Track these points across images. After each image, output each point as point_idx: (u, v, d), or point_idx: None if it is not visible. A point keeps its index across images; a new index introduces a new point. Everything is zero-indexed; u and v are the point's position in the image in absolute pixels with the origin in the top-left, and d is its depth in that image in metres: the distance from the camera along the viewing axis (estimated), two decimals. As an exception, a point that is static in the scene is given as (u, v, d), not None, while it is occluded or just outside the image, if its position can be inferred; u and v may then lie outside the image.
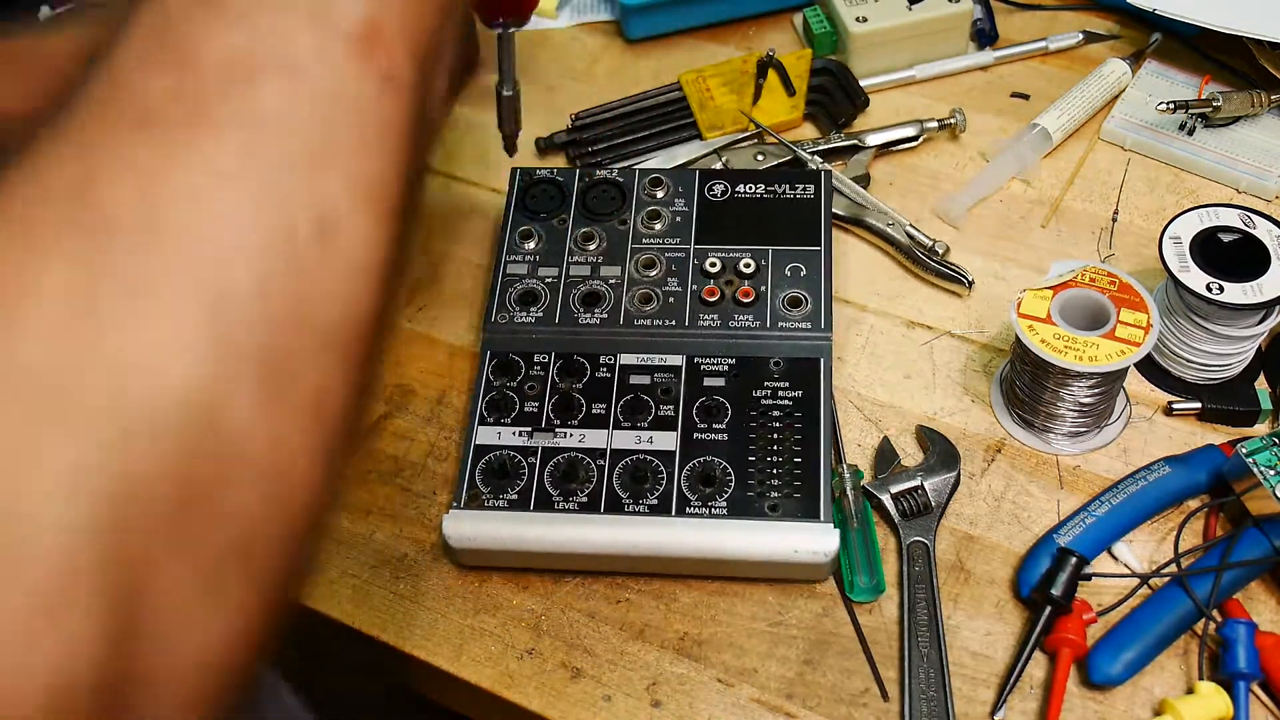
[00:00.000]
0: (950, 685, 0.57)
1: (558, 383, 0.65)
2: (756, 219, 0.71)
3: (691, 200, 0.72)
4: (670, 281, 0.69)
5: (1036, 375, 0.63)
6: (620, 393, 0.65)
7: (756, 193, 0.72)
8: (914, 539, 0.62)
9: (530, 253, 0.70)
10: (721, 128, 0.82)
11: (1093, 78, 0.82)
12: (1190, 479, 0.63)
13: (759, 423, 0.63)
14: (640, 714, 0.58)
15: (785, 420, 0.63)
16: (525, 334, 0.67)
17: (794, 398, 0.64)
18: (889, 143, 0.80)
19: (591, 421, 0.64)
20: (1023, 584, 0.60)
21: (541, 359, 0.66)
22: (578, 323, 0.67)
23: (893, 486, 0.64)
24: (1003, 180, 0.78)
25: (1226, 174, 0.77)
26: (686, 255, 0.70)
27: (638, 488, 0.61)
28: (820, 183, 0.72)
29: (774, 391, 0.64)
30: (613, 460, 0.62)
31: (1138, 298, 0.63)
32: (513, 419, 0.64)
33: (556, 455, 0.62)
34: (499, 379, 0.66)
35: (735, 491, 0.61)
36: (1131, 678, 0.57)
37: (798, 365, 0.65)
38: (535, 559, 0.62)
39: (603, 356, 0.66)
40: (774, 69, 0.83)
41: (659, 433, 0.63)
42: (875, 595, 0.61)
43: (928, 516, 0.63)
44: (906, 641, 0.59)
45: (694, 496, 0.61)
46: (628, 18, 0.88)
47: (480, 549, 0.61)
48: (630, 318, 0.67)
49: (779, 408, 0.63)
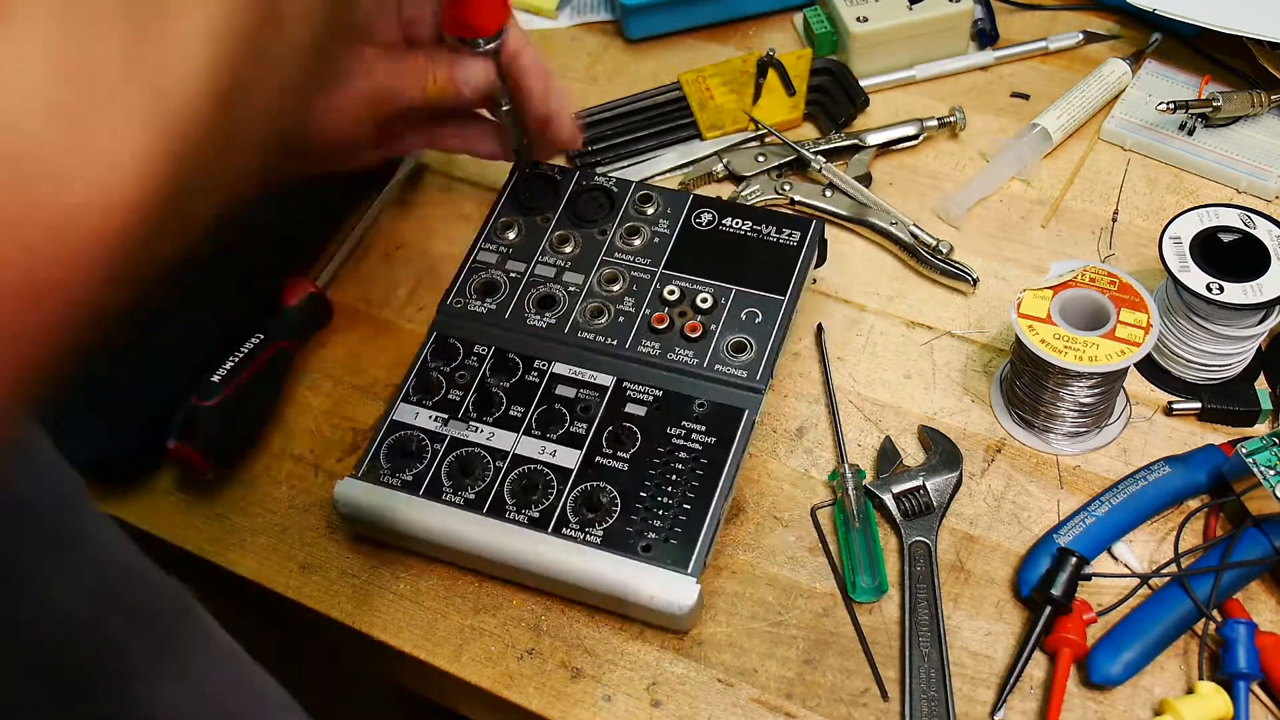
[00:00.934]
0: (951, 685, 0.57)
1: (487, 377, 0.65)
2: (731, 255, 0.68)
3: (675, 223, 0.70)
4: (626, 301, 0.67)
5: (1037, 375, 0.63)
6: (541, 400, 0.64)
7: (741, 229, 0.69)
8: (916, 539, 0.62)
9: (506, 244, 0.70)
10: (722, 127, 0.82)
11: (1092, 78, 0.82)
12: (1190, 479, 0.63)
13: (663, 460, 0.61)
14: (640, 714, 0.58)
15: (690, 464, 0.61)
16: (473, 323, 0.67)
17: (705, 444, 0.62)
18: (889, 141, 0.80)
19: (505, 422, 0.64)
20: (1023, 584, 0.60)
21: (480, 350, 0.66)
22: (525, 323, 0.67)
23: (895, 486, 0.64)
24: (1002, 180, 0.78)
25: (1226, 174, 0.77)
26: (650, 278, 0.68)
27: (525, 497, 0.61)
28: (808, 231, 0.68)
29: (689, 433, 0.62)
30: (511, 465, 0.62)
31: (1137, 297, 0.63)
32: (434, 403, 0.64)
33: (460, 448, 0.63)
34: (434, 361, 0.66)
35: (615, 524, 0.60)
36: (1132, 678, 0.57)
37: (721, 412, 0.63)
38: (409, 542, 0.62)
39: (537, 361, 0.65)
40: (774, 69, 0.83)
41: (564, 448, 0.62)
42: (877, 596, 0.61)
43: (929, 516, 0.63)
44: (907, 641, 0.59)
45: (575, 519, 0.60)
46: (628, 18, 0.88)
47: (362, 520, 0.62)
48: (576, 328, 0.66)
49: (688, 450, 0.62)
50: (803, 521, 0.64)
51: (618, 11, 0.90)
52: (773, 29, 0.90)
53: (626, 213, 0.71)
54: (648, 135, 0.82)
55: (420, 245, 0.78)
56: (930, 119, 0.81)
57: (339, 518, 0.63)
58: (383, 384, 0.71)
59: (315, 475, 0.68)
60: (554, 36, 0.91)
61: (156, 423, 0.66)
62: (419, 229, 0.79)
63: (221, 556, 0.65)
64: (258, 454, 0.69)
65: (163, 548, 0.66)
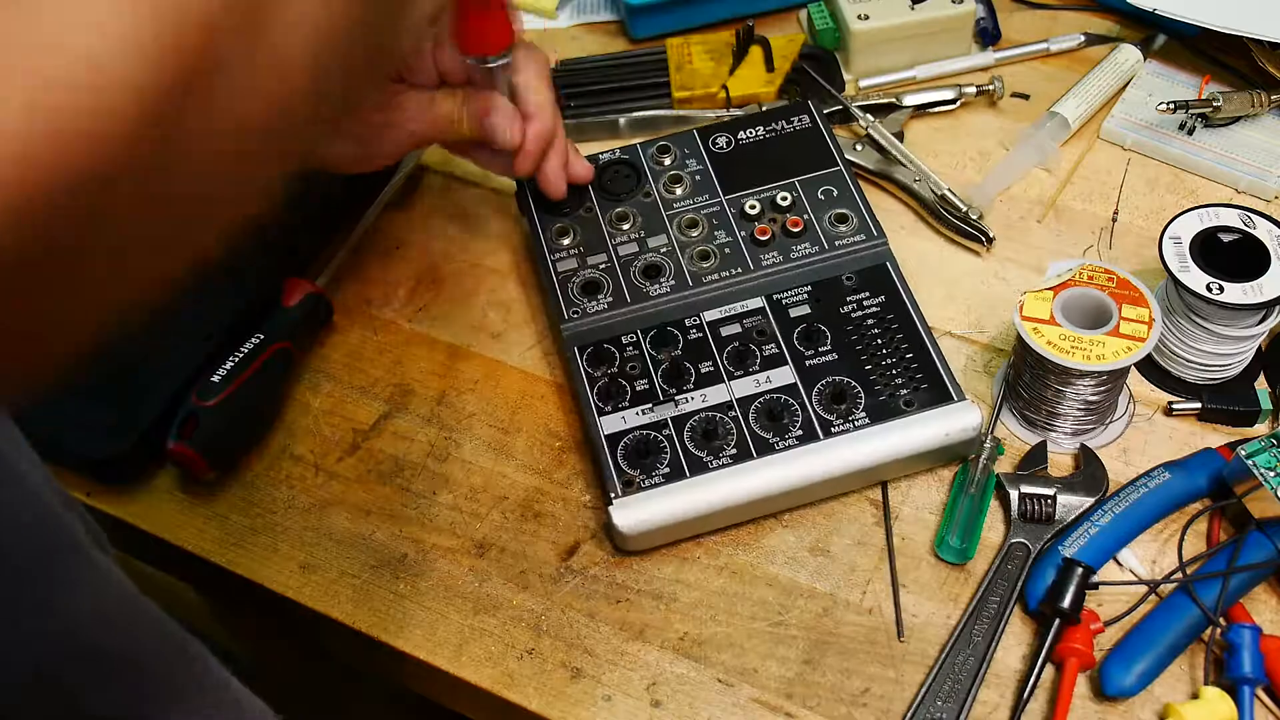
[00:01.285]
0: (972, 702, 0.57)
1: (656, 355, 0.66)
2: (769, 158, 0.74)
3: (701, 157, 0.74)
4: (718, 235, 0.70)
5: (1042, 376, 0.63)
6: (720, 346, 0.66)
7: (758, 135, 0.75)
8: (1018, 540, 0.62)
9: (571, 246, 0.71)
10: (691, 89, 0.83)
11: (1107, 63, 0.82)
12: (1190, 484, 0.63)
13: (859, 333, 0.66)
14: (640, 714, 0.58)
15: (881, 324, 0.66)
16: (604, 321, 0.68)
17: (880, 303, 0.67)
18: (926, 104, 0.82)
19: (705, 381, 0.65)
20: (1030, 597, 0.60)
21: (630, 339, 0.67)
22: (649, 296, 0.68)
23: (1025, 486, 0.63)
24: (1024, 169, 0.79)
25: (1226, 174, 0.77)
26: (721, 207, 0.72)
27: (777, 425, 0.63)
28: (809, 111, 0.76)
29: (859, 303, 0.67)
30: (742, 408, 0.64)
31: (1137, 293, 0.63)
32: (629, 401, 0.65)
33: (689, 419, 0.63)
34: (597, 369, 0.66)
35: (868, 401, 0.63)
36: (1145, 688, 0.57)
37: (868, 274, 0.68)
38: (708, 521, 0.62)
39: (687, 320, 0.67)
40: (759, 45, 0.84)
41: (773, 371, 0.65)
42: (960, 560, 0.61)
43: (1045, 526, 0.62)
44: (954, 642, 0.58)
45: (833, 416, 0.63)
46: (633, 17, 0.88)
47: (654, 528, 0.61)
48: (697, 277, 0.69)
49: (870, 315, 0.66)
50: (802, 521, 0.64)
51: (620, 11, 0.90)
52: (778, 26, 0.90)
53: (653, 170, 0.74)
54: (623, 89, 0.84)
55: (420, 245, 0.78)
56: (969, 85, 0.82)
57: (615, 544, 0.63)
58: (383, 384, 0.71)
59: (315, 475, 0.68)
60: (554, 36, 0.91)
61: (156, 423, 0.66)
62: (419, 229, 0.79)
63: (221, 556, 0.65)
64: (258, 454, 0.69)
65: (163, 548, 0.66)
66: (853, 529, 0.64)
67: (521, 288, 0.76)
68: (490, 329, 0.74)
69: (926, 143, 0.81)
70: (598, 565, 0.63)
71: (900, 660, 0.59)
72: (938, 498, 0.64)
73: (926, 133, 0.82)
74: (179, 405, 0.65)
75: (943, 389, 0.63)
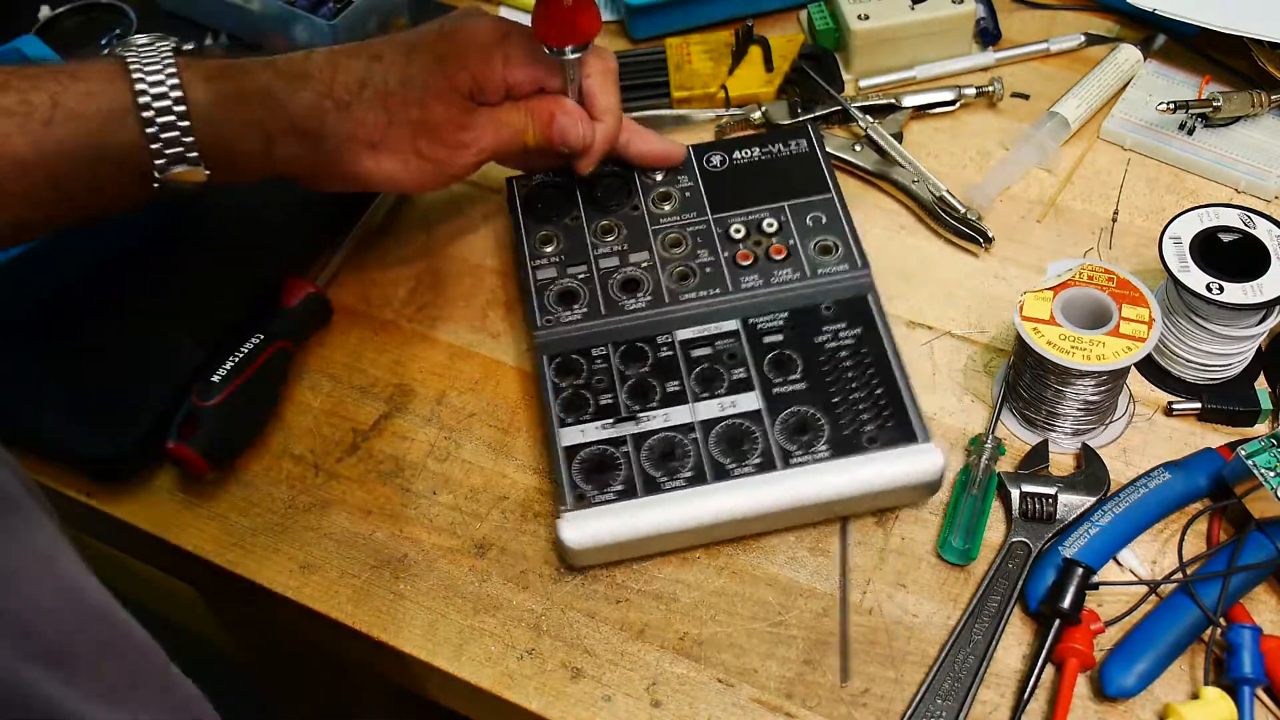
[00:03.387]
0: (972, 701, 0.57)
1: (624, 370, 0.66)
2: (761, 180, 0.73)
3: (694, 175, 0.73)
4: (700, 254, 0.70)
5: (1043, 376, 0.63)
6: (689, 367, 0.65)
7: (753, 156, 0.74)
8: (1019, 539, 0.62)
9: (553, 254, 0.71)
10: (690, 89, 0.83)
11: (1107, 63, 0.82)
12: (1190, 484, 0.63)
13: (830, 364, 0.65)
14: (640, 714, 0.58)
15: (854, 356, 0.65)
16: (577, 331, 0.67)
17: (855, 335, 0.66)
18: (926, 105, 0.82)
19: (670, 400, 0.64)
20: (1030, 597, 0.60)
21: (600, 352, 0.67)
22: (625, 310, 0.68)
23: (1026, 485, 0.63)
24: (1024, 169, 0.79)
25: (1226, 174, 0.77)
26: (708, 226, 0.71)
27: (736, 451, 0.62)
28: (809, 135, 0.75)
29: (834, 333, 0.66)
30: (704, 431, 0.63)
31: (1136, 292, 0.63)
32: (591, 414, 0.64)
33: (648, 438, 0.63)
34: (564, 379, 0.66)
35: (831, 434, 0.62)
36: (1146, 688, 0.57)
37: (848, 305, 0.67)
38: (657, 543, 0.62)
39: (659, 337, 0.67)
40: (759, 45, 0.84)
41: (739, 395, 0.64)
42: (963, 560, 0.61)
43: (1045, 525, 0.62)
44: (954, 640, 0.58)
45: (794, 446, 0.62)
46: (632, 17, 0.88)
47: (601, 545, 0.61)
48: (675, 295, 0.68)
49: (844, 347, 0.65)
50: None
51: (620, 11, 0.90)
52: (778, 26, 0.90)
53: (644, 184, 0.73)
54: (621, 89, 0.83)
55: (420, 245, 0.78)
56: (969, 86, 0.82)
57: (563, 559, 0.62)
58: (383, 384, 0.71)
59: (315, 475, 0.68)
60: (554, 36, 0.91)
61: (156, 423, 0.66)
62: (419, 229, 0.79)
63: (221, 556, 0.65)
64: (258, 454, 0.69)
65: (163, 548, 0.66)
66: (853, 529, 0.64)
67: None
68: (490, 329, 0.74)
69: (927, 143, 0.81)
70: (598, 565, 0.63)
71: (900, 660, 0.59)
72: (938, 497, 0.64)
73: (926, 133, 0.82)
74: (179, 405, 0.65)
75: (908, 429, 0.62)
